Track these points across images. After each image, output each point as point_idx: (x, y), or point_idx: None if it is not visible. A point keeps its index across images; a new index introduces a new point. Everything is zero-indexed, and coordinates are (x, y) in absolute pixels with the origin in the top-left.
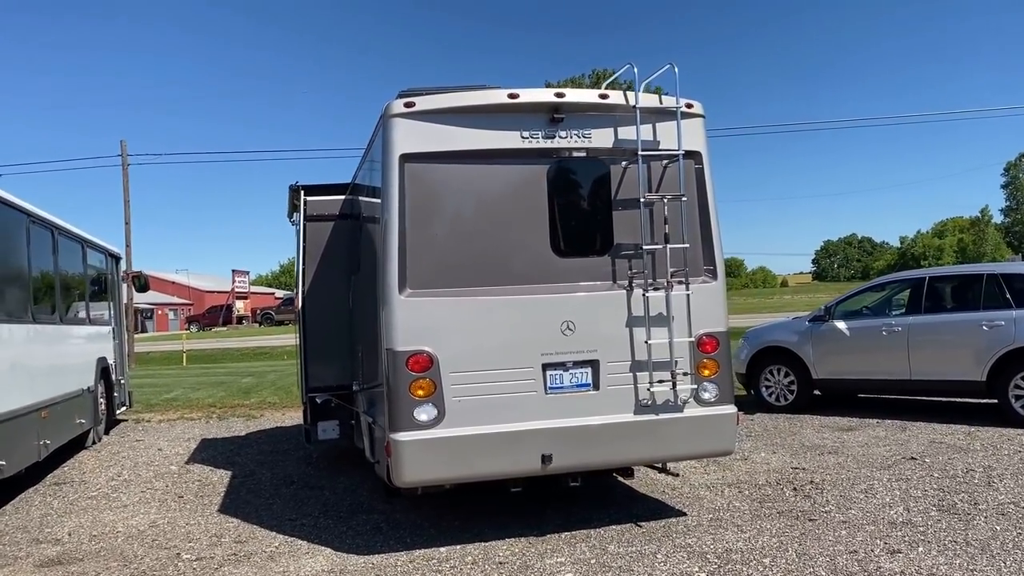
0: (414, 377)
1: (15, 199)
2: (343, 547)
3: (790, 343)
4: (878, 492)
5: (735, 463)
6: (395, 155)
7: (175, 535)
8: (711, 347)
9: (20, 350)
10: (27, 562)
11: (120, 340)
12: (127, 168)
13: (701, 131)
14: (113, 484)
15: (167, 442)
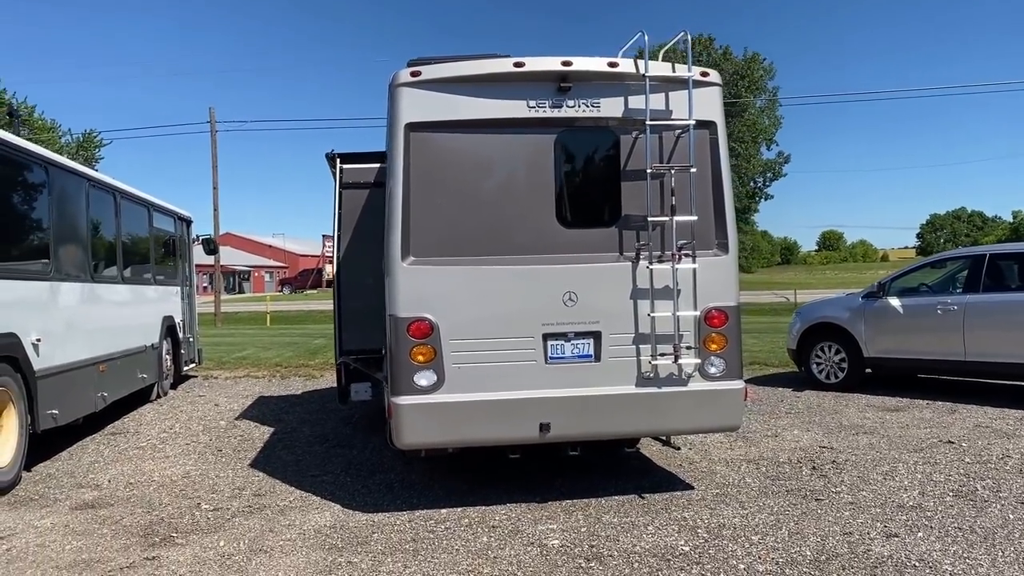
0: (415, 343)
1: (72, 163)
2: (352, 504)
3: (842, 319)
4: (898, 475)
5: (764, 439)
6: (401, 124)
7: (202, 486)
8: (719, 322)
9: (76, 308)
10: (64, 504)
11: (190, 299)
12: (215, 134)
13: (717, 100)
14: (163, 436)
15: (226, 398)
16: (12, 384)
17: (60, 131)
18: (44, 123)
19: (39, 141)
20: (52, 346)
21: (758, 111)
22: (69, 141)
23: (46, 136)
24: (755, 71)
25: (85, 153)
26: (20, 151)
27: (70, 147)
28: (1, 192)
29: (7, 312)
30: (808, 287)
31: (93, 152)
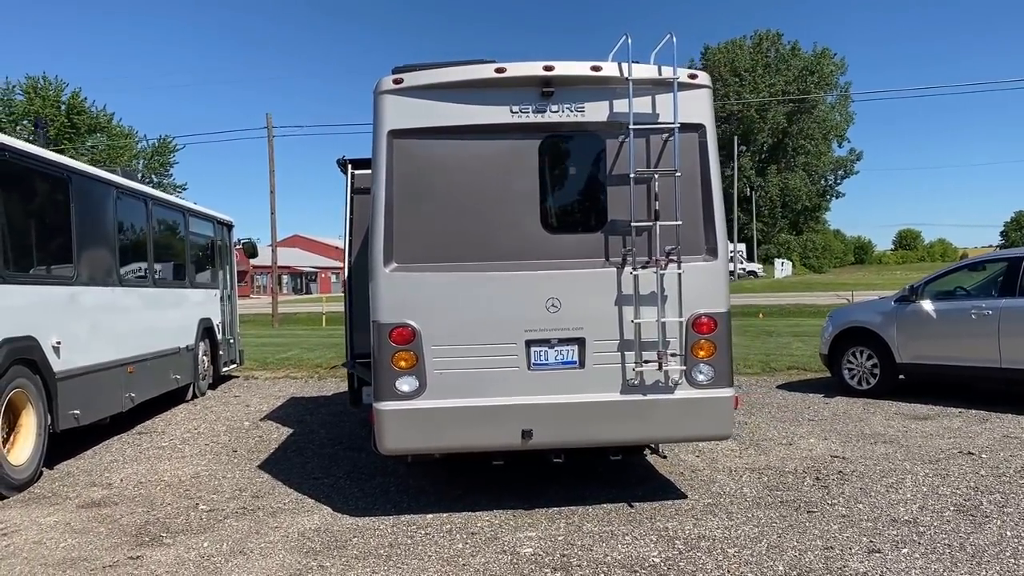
0: (396, 349)
1: (98, 171)
2: (343, 507)
3: (873, 324)
4: (903, 487)
5: (776, 447)
6: (384, 131)
7: (206, 487)
8: (707, 328)
9: (102, 312)
10: (73, 502)
11: (231, 302)
12: (272, 139)
13: (707, 103)
14: (185, 436)
15: (259, 399)
16: (30, 385)
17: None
18: (122, 129)
19: (118, 147)
20: (73, 349)
21: (829, 107)
22: (145, 147)
23: (124, 142)
24: (825, 66)
25: (160, 158)
26: (37, 160)
27: (146, 152)
28: (19, 201)
29: (25, 316)
30: (874, 288)
31: (168, 157)
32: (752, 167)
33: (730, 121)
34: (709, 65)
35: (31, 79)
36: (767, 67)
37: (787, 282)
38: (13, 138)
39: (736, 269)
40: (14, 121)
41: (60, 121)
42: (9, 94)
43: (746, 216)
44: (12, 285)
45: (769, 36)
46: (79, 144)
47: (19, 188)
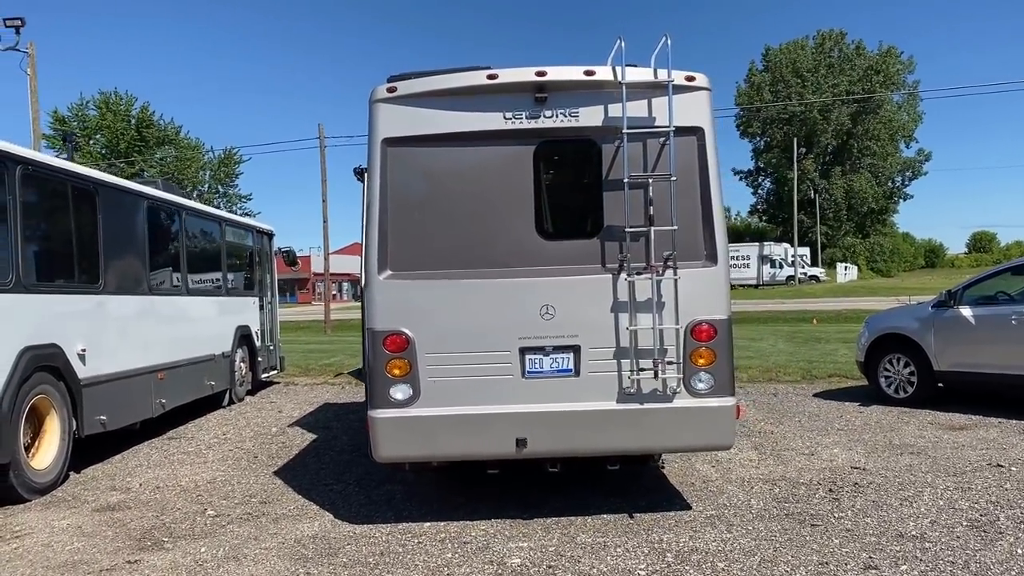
0: (390, 356)
1: (127, 183)
2: (345, 514)
3: (910, 330)
4: (919, 500)
5: (797, 457)
6: (378, 139)
7: (218, 492)
8: (706, 335)
9: (130, 319)
10: (89, 506)
11: (271, 309)
12: (324, 150)
13: (706, 105)
14: (212, 441)
15: (293, 404)
16: (54, 392)
17: (204, 149)
18: (189, 142)
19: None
20: (99, 356)
21: (895, 107)
22: (212, 158)
23: (191, 154)
24: (891, 65)
25: (226, 169)
26: (61, 172)
27: (212, 164)
28: (43, 212)
29: (49, 324)
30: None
31: (233, 168)
32: (816, 169)
33: (792, 123)
34: (770, 67)
35: (103, 94)
36: (830, 67)
37: (849, 286)
38: (35, 152)
39: (796, 274)
40: (88, 135)
41: (130, 135)
42: (83, 109)
43: (810, 220)
44: (35, 294)
45: (832, 36)
46: (148, 156)
47: (43, 200)
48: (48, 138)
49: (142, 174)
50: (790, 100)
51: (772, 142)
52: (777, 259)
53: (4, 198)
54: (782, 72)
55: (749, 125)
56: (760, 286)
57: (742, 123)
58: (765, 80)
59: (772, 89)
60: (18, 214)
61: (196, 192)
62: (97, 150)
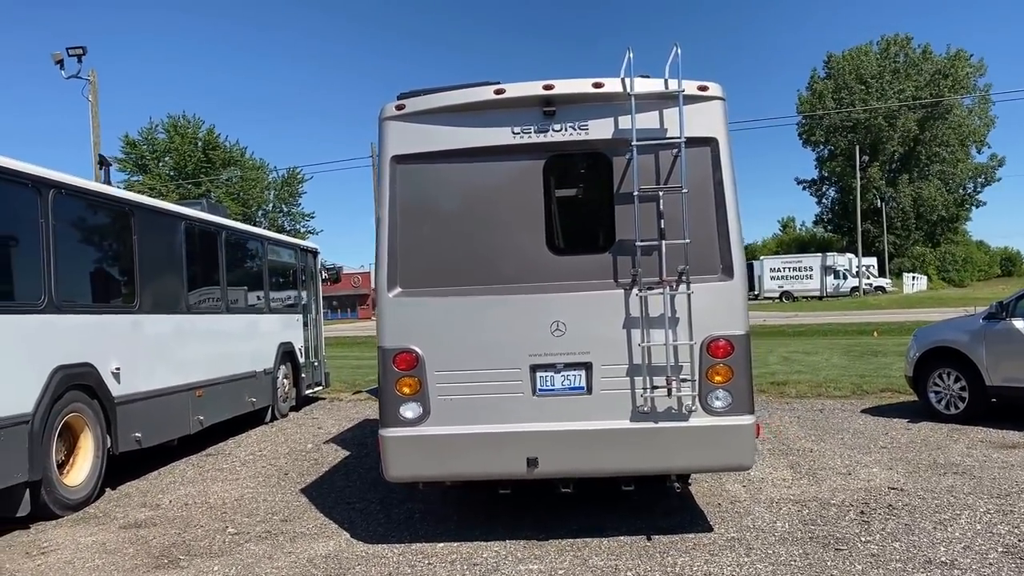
0: (400, 375)
1: (165, 205)
2: (362, 534)
3: (960, 344)
4: (955, 524)
5: (833, 477)
6: (387, 157)
7: (243, 510)
8: (723, 351)
9: (167, 338)
10: (118, 522)
11: (315, 326)
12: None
13: (719, 115)
14: (247, 458)
15: (333, 421)
16: (87, 410)
17: (268, 169)
18: (254, 162)
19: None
20: (134, 374)
21: (965, 112)
22: (276, 178)
23: (255, 174)
24: (960, 69)
25: (289, 188)
26: (95, 196)
27: (276, 183)
28: (77, 235)
29: (82, 343)
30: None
31: (296, 187)
32: (882, 177)
33: (856, 130)
34: (833, 74)
35: (172, 118)
36: (896, 73)
37: (916, 297)
38: (68, 176)
39: (861, 285)
40: (157, 158)
41: (197, 156)
42: (153, 132)
43: (877, 229)
44: (68, 315)
45: (898, 40)
46: (214, 177)
47: (76, 223)
48: (120, 161)
49: (209, 195)
50: (854, 107)
51: (836, 150)
52: (841, 270)
53: (36, 221)
54: (845, 79)
55: (812, 133)
56: (823, 298)
57: (804, 131)
58: (828, 87)
59: (835, 96)
60: (50, 237)
61: (261, 211)
62: (166, 172)
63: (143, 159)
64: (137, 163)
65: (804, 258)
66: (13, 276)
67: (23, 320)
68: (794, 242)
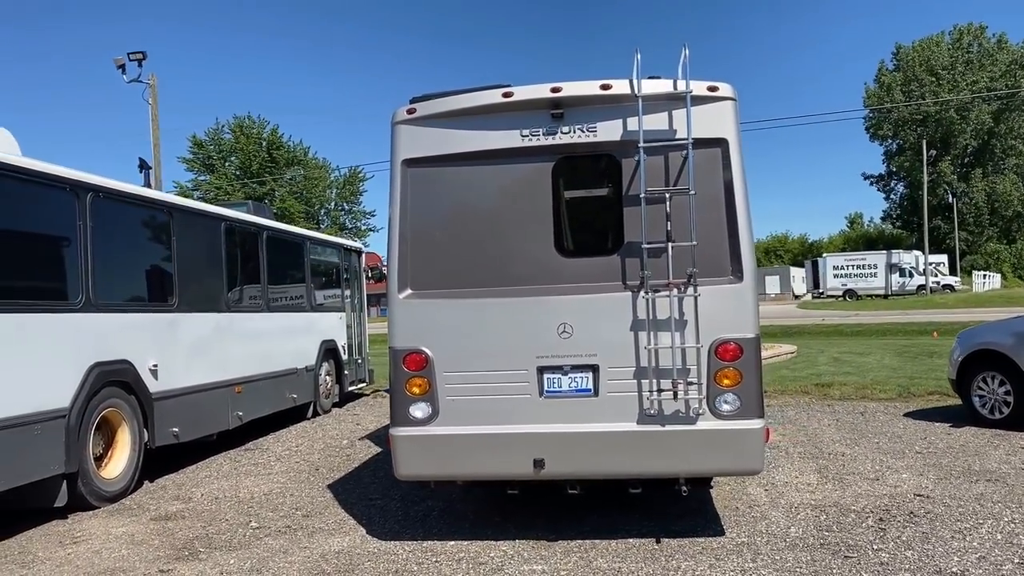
0: (410, 375)
1: (204, 206)
2: (378, 530)
3: (1004, 346)
4: (976, 533)
5: (860, 481)
6: (398, 160)
7: (268, 504)
8: (732, 355)
9: (207, 335)
10: (149, 515)
11: (359, 324)
12: None
13: (731, 116)
14: (283, 453)
15: (373, 417)
16: (124, 405)
17: (330, 168)
18: (316, 161)
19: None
20: (172, 371)
21: None
22: (338, 176)
23: (317, 173)
24: None
25: (351, 187)
26: (133, 198)
27: (338, 182)
28: (116, 236)
29: (119, 341)
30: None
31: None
32: (953, 172)
33: (926, 124)
34: (902, 65)
35: (238, 119)
36: (968, 64)
37: (987, 296)
38: (106, 179)
39: (928, 283)
40: (223, 158)
41: (261, 156)
42: (219, 133)
43: (947, 225)
44: (105, 313)
45: (971, 30)
46: (278, 176)
47: (114, 225)
48: (187, 161)
49: (273, 194)
50: (924, 99)
51: (905, 144)
52: (907, 267)
53: (74, 223)
54: (915, 71)
55: (879, 127)
56: (888, 296)
57: (872, 125)
58: (896, 80)
59: (904, 89)
60: (88, 239)
61: (323, 210)
62: (232, 171)
63: (210, 159)
64: (204, 163)
65: (868, 255)
66: (51, 276)
67: (60, 319)
68: (861, 239)
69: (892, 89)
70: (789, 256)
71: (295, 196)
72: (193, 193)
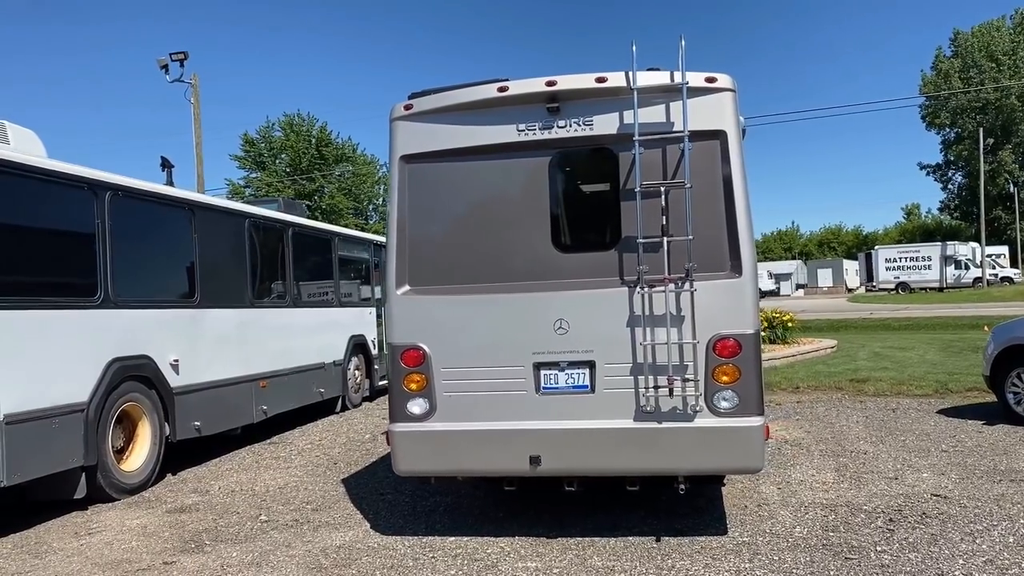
0: (407, 371)
1: (228, 203)
2: (382, 525)
3: None
4: (988, 536)
5: (879, 480)
6: (396, 156)
7: (281, 498)
8: (729, 351)
9: (229, 331)
10: (166, 507)
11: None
12: None
13: (729, 107)
14: (305, 447)
15: None
16: (144, 399)
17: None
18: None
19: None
20: (193, 366)
21: None
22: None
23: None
24: None
25: None
26: (155, 196)
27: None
28: (137, 233)
29: (139, 336)
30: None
31: None
32: (1015, 161)
33: (986, 111)
34: (960, 52)
35: (288, 116)
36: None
37: None
38: (126, 178)
39: (985, 275)
40: (274, 155)
41: (311, 153)
42: (270, 131)
43: (1008, 216)
44: (124, 309)
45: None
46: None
47: (134, 222)
48: (239, 159)
49: (322, 190)
50: (983, 86)
51: (963, 133)
52: (963, 259)
53: (93, 222)
54: (974, 57)
55: (936, 116)
56: (944, 289)
57: (928, 113)
58: (954, 66)
59: (962, 76)
60: (107, 236)
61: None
62: (282, 168)
63: (261, 156)
64: (256, 160)
65: (922, 247)
66: (69, 273)
67: (79, 315)
68: (918, 230)
69: (950, 76)
70: (843, 248)
71: (344, 192)
72: (245, 190)
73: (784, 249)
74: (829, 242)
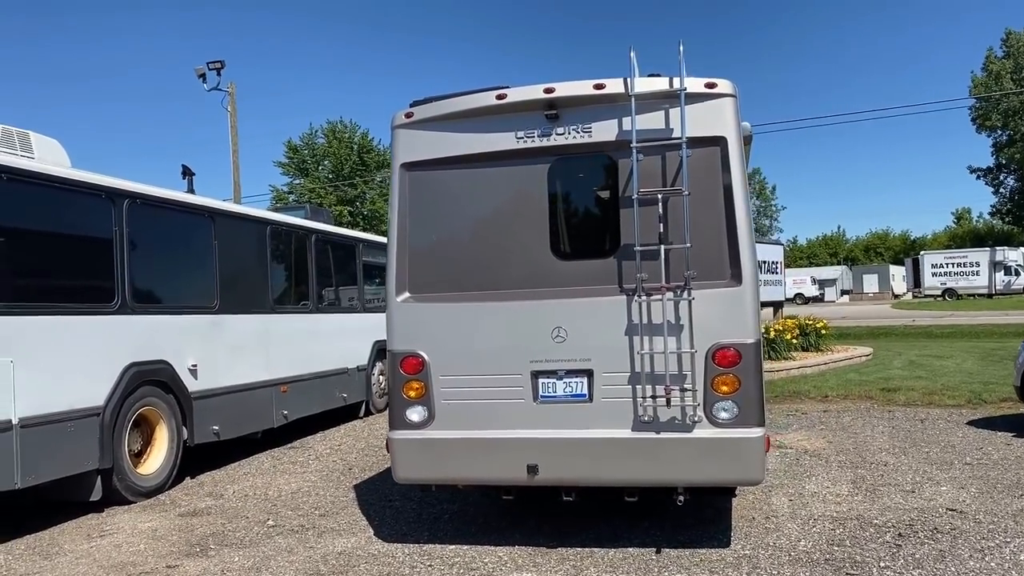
0: (406, 378)
1: (250, 210)
2: (385, 532)
3: None
4: (996, 554)
5: (895, 493)
6: (397, 164)
7: (291, 503)
8: (730, 361)
9: (249, 336)
10: (179, 510)
11: None
12: None
13: (730, 113)
14: (323, 452)
15: None
16: (162, 404)
17: None
18: None
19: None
20: (212, 371)
21: None
22: None
23: None
24: None
25: None
26: (175, 204)
27: None
28: (155, 241)
29: (157, 342)
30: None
31: None
32: None
33: None
34: (1012, 52)
35: (331, 123)
36: None
37: None
38: (144, 185)
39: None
40: (317, 161)
41: (353, 160)
42: (313, 138)
43: None
44: (141, 315)
45: None
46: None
47: (152, 230)
48: (283, 165)
49: (364, 196)
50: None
51: (1016, 135)
52: (1013, 265)
53: (111, 229)
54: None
55: (987, 118)
56: (993, 296)
57: (979, 116)
58: (1006, 67)
59: (1015, 76)
60: (124, 244)
61: None
62: (325, 175)
63: (304, 163)
64: (299, 167)
65: (970, 253)
66: (87, 280)
67: (95, 321)
68: (968, 235)
69: (1001, 77)
70: (890, 254)
71: (385, 199)
72: (288, 196)
73: (829, 254)
74: (876, 247)
